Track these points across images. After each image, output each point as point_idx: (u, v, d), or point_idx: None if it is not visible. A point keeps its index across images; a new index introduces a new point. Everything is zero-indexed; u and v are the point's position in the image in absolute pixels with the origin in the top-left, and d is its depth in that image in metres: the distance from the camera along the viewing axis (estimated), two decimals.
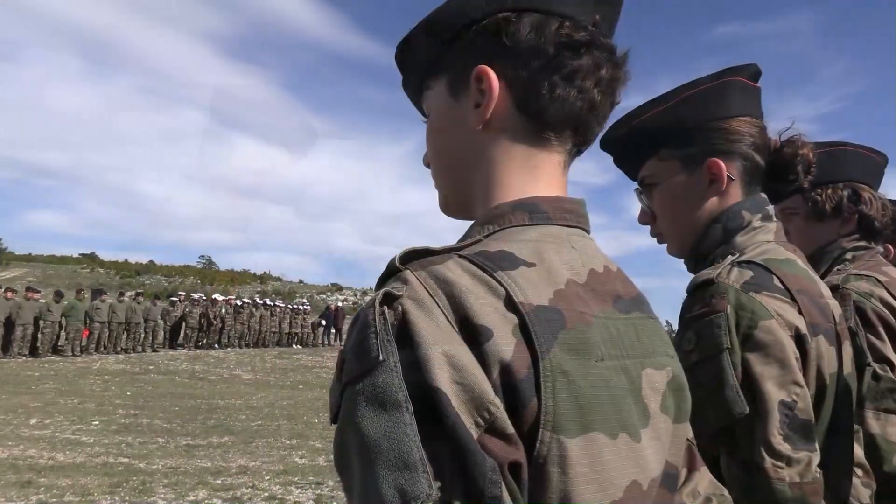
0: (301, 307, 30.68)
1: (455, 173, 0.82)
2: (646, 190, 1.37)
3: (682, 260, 1.37)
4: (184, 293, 27.77)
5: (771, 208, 1.29)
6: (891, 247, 2.13)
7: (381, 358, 0.54)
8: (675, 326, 1.20)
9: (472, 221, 0.75)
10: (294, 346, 28.40)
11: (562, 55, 0.74)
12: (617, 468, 0.62)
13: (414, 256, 0.63)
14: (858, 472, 1.26)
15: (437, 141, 0.84)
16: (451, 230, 0.78)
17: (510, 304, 0.60)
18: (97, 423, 9.96)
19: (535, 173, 0.77)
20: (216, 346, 24.84)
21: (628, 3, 0.84)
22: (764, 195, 1.31)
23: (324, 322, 30.43)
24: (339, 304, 37.16)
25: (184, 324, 24.14)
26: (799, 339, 1.10)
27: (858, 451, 1.29)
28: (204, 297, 26.10)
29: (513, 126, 0.77)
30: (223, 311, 25.75)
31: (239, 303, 27.01)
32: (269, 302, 29.25)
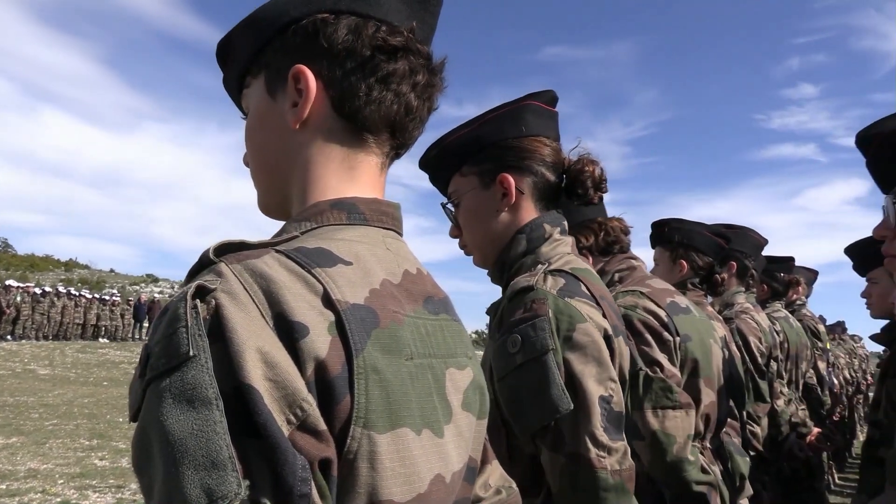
0: (110, 297, 28.69)
1: (272, 173, 0.82)
2: (453, 205, 1.46)
3: (486, 271, 1.46)
4: None
5: (566, 223, 1.41)
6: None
7: (191, 353, 0.52)
8: None
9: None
10: (100, 339, 26.57)
11: (377, 58, 0.76)
12: (422, 462, 0.64)
13: (229, 249, 0.62)
14: None
15: (255, 139, 0.83)
16: (279, 226, 0.77)
17: (327, 301, 0.60)
18: None
19: (352, 174, 0.78)
20: (8, 337, 22.90)
21: (467, 20, 0.90)
22: (559, 212, 1.42)
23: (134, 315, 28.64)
24: (156, 296, 35.11)
25: None
26: (607, 339, 1.21)
27: None
28: None
29: (330, 126, 0.77)
30: (18, 298, 23.61)
31: (38, 291, 24.94)
32: (73, 291, 27.12)
